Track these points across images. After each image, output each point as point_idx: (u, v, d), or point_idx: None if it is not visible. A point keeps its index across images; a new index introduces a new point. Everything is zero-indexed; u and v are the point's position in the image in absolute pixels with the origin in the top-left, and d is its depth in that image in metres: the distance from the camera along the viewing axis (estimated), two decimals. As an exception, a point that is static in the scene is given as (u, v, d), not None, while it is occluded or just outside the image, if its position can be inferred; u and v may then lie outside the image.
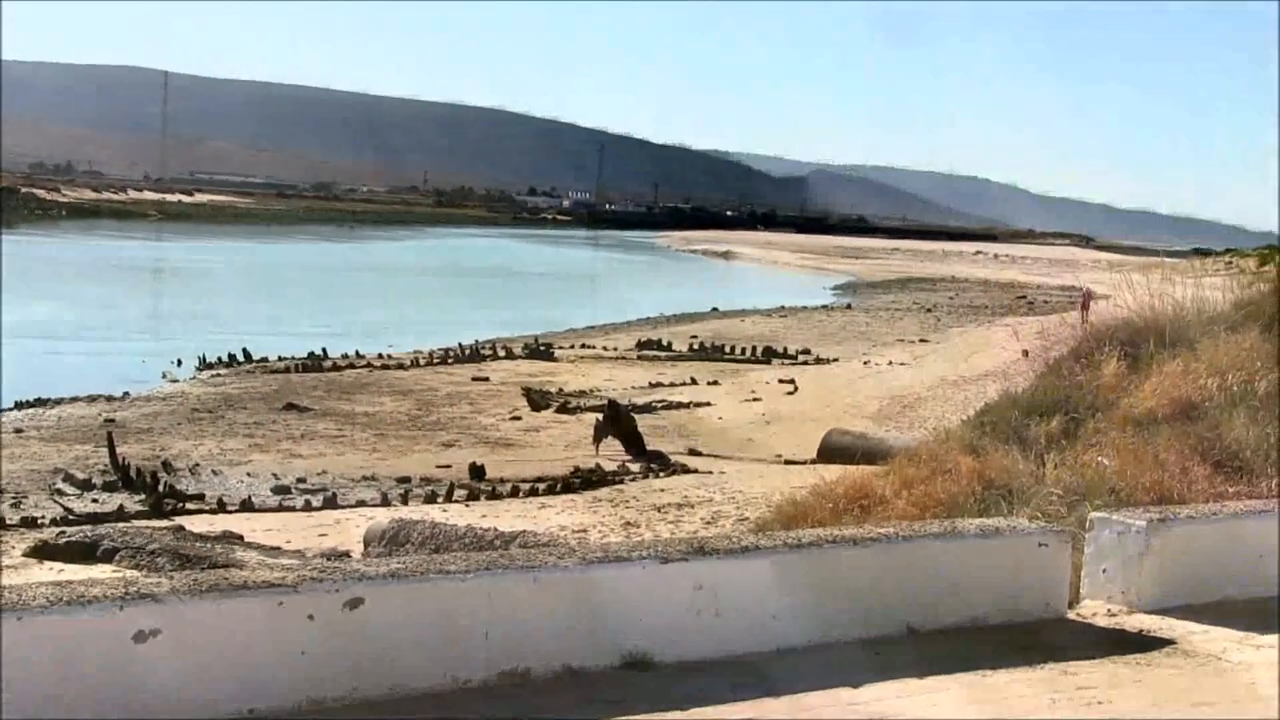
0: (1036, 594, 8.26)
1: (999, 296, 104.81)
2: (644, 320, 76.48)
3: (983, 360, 51.36)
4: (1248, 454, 12.04)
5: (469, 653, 6.42)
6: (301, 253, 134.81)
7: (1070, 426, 13.76)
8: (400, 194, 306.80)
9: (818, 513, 13.48)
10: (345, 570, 6.46)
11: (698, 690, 6.52)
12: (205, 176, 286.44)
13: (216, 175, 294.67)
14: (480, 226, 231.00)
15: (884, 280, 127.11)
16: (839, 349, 63.89)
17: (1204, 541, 8.93)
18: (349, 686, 6.08)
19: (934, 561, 8.00)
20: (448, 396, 45.94)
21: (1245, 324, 14.54)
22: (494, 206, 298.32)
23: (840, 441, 34.23)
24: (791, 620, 7.32)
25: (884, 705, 6.56)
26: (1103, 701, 6.81)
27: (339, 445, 36.02)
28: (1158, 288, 15.96)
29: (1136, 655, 7.64)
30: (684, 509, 26.95)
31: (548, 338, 63.31)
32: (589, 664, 6.69)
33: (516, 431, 39.78)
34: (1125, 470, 12.04)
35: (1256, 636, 8.04)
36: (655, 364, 57.07)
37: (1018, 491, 12.21)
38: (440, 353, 55.81)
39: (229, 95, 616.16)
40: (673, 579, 7.03)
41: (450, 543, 19.22)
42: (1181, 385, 13.41)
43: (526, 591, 6.63)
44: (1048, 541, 8.35)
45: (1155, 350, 14.44)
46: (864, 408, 44.04)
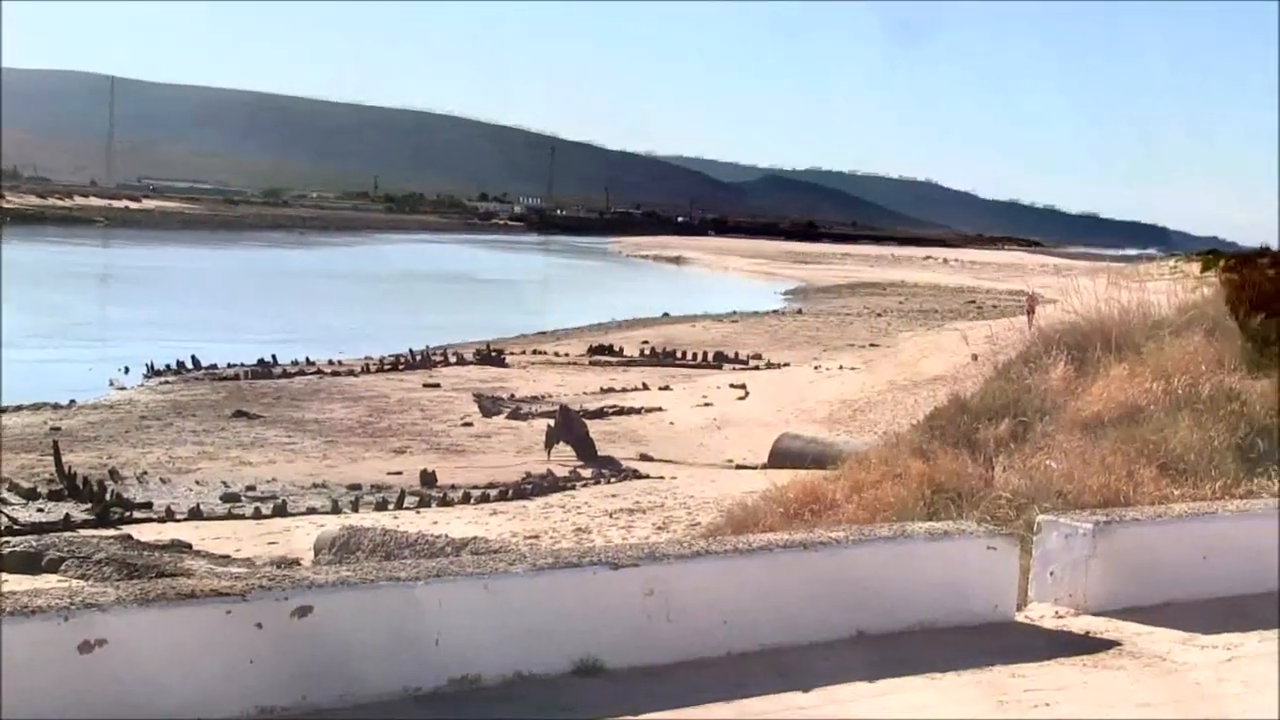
0: (985, 597, 8.29)
1: (949, 301, 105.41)
2: (595, 326, 76.51)
3: (933, 364, 51.67)
4: (1192, 457, 12.15)
5: (419, 660, 6.41)
6: (251, 259, 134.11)
7: (1019, 430, 13.84)
8: (350, 200, 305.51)
9: (769, 517, 13.52)
10: (294, 578, 6.43)
11: (649, 695, 6.52)
12: (153, 182, 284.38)
13: (164, 181, 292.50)
14: (431, 232, 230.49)
15: (835, 285, 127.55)
16: (790, 354, 64.13)
17: (1149, 544, 9.00)
18: (298, 695, 6.05)
19: (883, 565, 8.02)
20: (399, 403, 45.82)
21: (1189, 328, 14.67)
22: (445, 212, 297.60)
23: (791, 446, 34.36)
24: (743, 625, 7.33)
25: (834, 709, 6.58)
26: (1049, 703, 6.86)
27: (289, 452, 35.89)
28: (1104, 292, 16.08)
29: (1083, 657, 7.69)
30: (636, 514, 26.98)
31: (499, 344, 63.28)
32: (540, 670, 6.68)
33: (468, 438, 39.71)
34: (1073, 473, 12.13)
35: (1201, 637, 8.11)
36: (607, 369, 57.13)
37: (967, 495, 12.29)
38: (391, 359, 55.67)
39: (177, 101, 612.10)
40: (624, 584, 7.03)
41: (401, 550, 19.19)
42: (1127, 389, 13.51)
43: (477, 598, 6.62)
44: (996, 544, 8.39)
45: (1102, 354, 14.54)
46: (815, 412, 44.20)
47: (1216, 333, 14.47)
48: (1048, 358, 15.07)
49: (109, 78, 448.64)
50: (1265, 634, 8.28)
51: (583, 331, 73.49)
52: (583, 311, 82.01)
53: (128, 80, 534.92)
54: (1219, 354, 13.84)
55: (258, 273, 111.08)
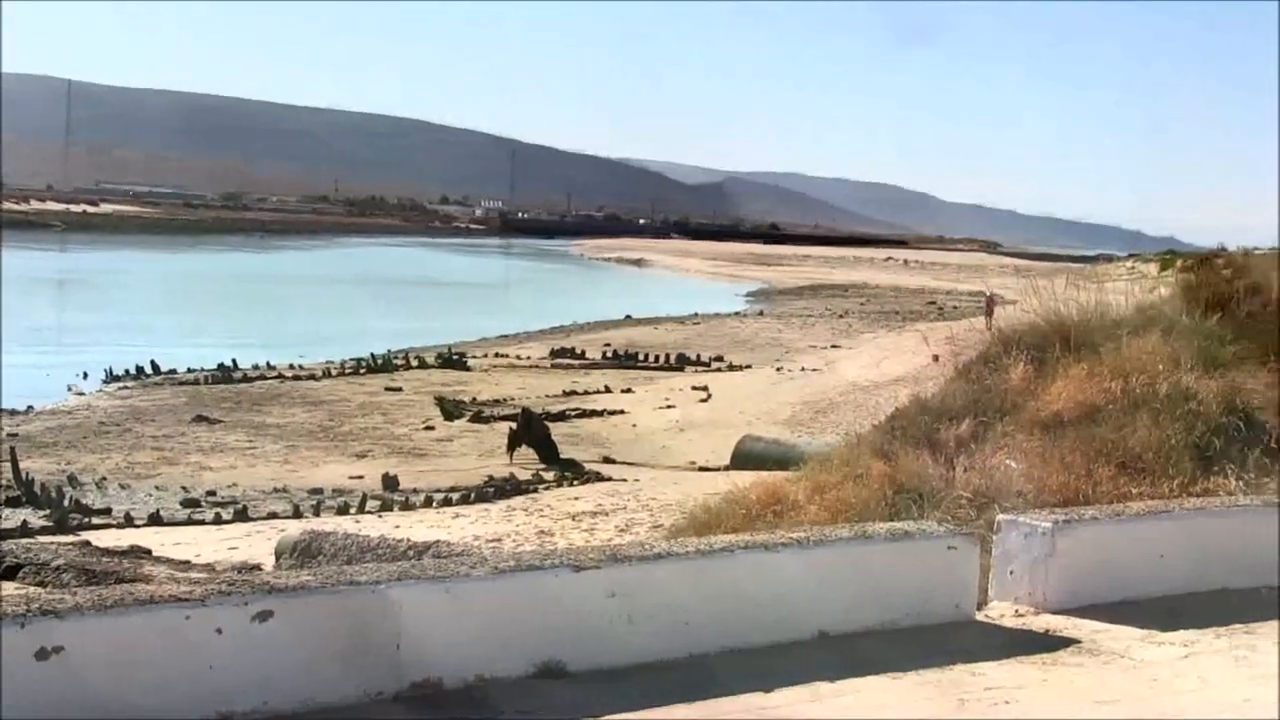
0: (946, 596, 8.33)
1: (909, 302, 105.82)
2: (557, 328, 76.47)
3: (894, 365, 51.85)
4: (1150, 456, 12.22)
5: (381, 664, 6.40)
6: (210, 263, 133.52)
7: (979, 430, 13.88)
8: (311, 203, 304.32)
9: (731, 519, 13.52)
10: (254, 583, 6.41)
11: (611, 697, 6.53)
12: (111, 186, 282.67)
13: (122, 185, 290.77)
14: (392, 236, 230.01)
15: (796, 287, 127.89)
16: (752, 356, 64.24)
17: (1108, 542, 9.05)
18: (258, 700, 6.04)
19: (845, 566, 8.05)
20: (360, 407, 45.69)
21: (1147, 328, 14.74)
22: (406, 216, 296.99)
23: (753, 448, 34.42)
24: (705, 626, 7.35)
25: (795, 709, 6.60)
26: (1010, 701, 6.90)
27: (250, 457, 35.74)
28: (1063, 292, 16.15)
29: (1043, 655, 7.74)
30: (598, 517, 26.96)
31: (461, 347, 63.15)
32: (502, 673, 6.68)
33: (430, 441, 39.64)
34: (1032, 472, 12.19)
35: (1158, 634, 8.17)
36: (569, 372, 57.10)
37: (928, 495, 12.32)
38: (352, 363, 55.51)
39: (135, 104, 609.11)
40: (586, 587, 7.04)
41: (363, 554, 19.11)
42: (1086, 389, 13.57)
43: (439, 601, 6.62)
44: (956, 544, 8.43)
45: (1061, 354, 14.60)
46: (777, 414, 44.28)
47: (1173, 332, 14.55)
48: (1007, 358, 15.11)
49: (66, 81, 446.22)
50: (1220, 630, 8.35)
51: (545, 334, 73.44)
52: (545, 314, 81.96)
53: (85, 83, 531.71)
54: (1176, 353, 13.91)
55: (217, 277, 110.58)
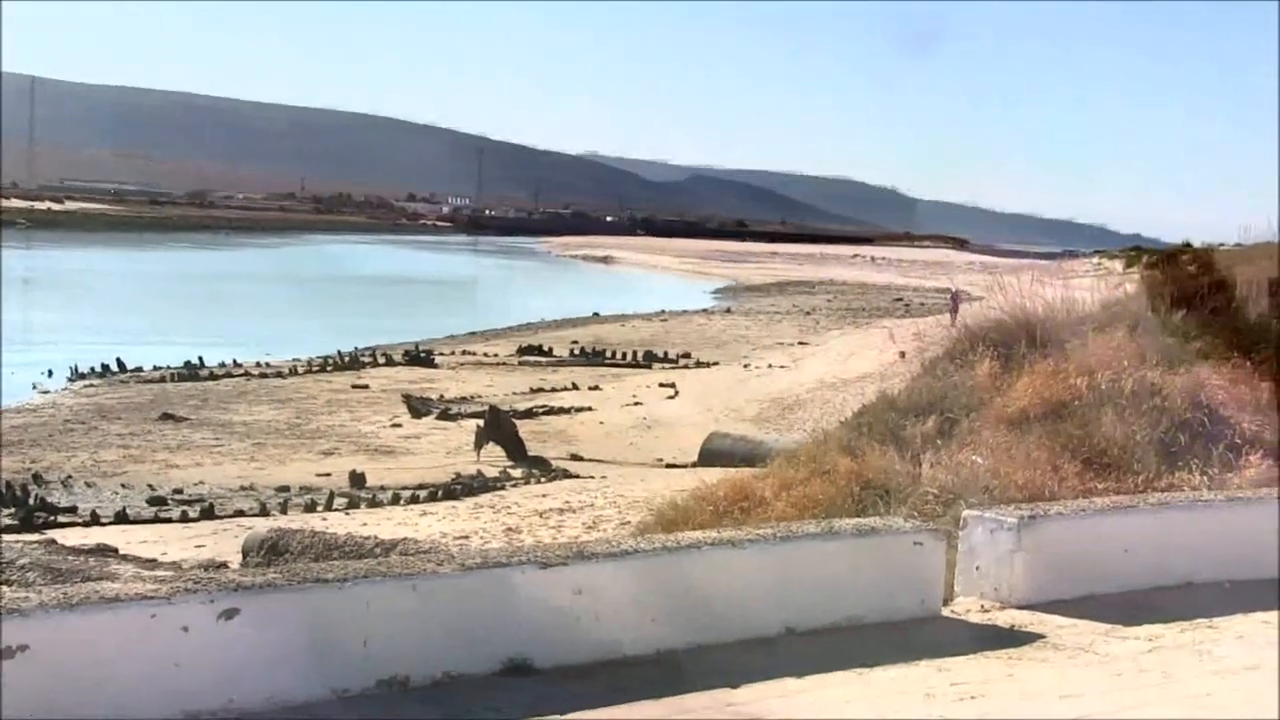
0: (912, 592, 8.36)
1: (876, 299, 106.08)
2: (525, 326, 76.42)
3: (860, 362, 51.95)
4: (1115, 451, 12.29)
5: (347, 662, 6.38)
6: (176, 261, 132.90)
7: (946, 426, 13.95)
8: (277, 200, 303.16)
9: (699, 515, 13.56)
10: (220, 581, 6.39)
11: (577, 694, 6.53)
12: (76, 184, 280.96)
13: (88, 182, 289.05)
14: (359, 233, 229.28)
15: (763, 284, 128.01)
16: (719, 353, 64.31)
17: (1073, 538, 9.09)
18: (225, 698, 6.02)
19: (812, 562, 8.07)
20: (327, 404, 45.57)
21: (1112, 324, 14.83)
22: (373, 213, 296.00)
23: (721, 445, 34.47)
24: (672, 622, 7.35)
25: (762, 705, 6.61)
26: (975, 696, 6.93)
27: (216, 455, 35.61)
28: (1029, 289, 16.22)
29: (1008, 650, 7.77)
30: (566, 514, 26.96)
31: (428, 344, 63.05)
32: (469, 670, 6.68)
33: (397, 439, 39.56)
34: (999, 469, 12.24)
35: (1123, 629, 8.21)
36: (536, 369, 57.08)
37: (895, 491, 12.38)
38: (319, 360, 55.37)
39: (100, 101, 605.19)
40: (553, 584, 7.04)
41: (330, 551, 19.07)
42: (1052, 384, 13.65)
43: (406, 599, 6.61)
44: (923, 540, 8.46)
45: (1027, 350, 14.68)
46: (744, 411, 44.35)
47: (1139, 328, 14.64)
48: (974, 354, 15.19)
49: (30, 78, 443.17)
50: (1184, 625, 8.40)
51: (512, 332, 73.38)
52: (512, 312, 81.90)
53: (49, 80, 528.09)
54: (1141, 349, 14.00)
55: (183, 275, 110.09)
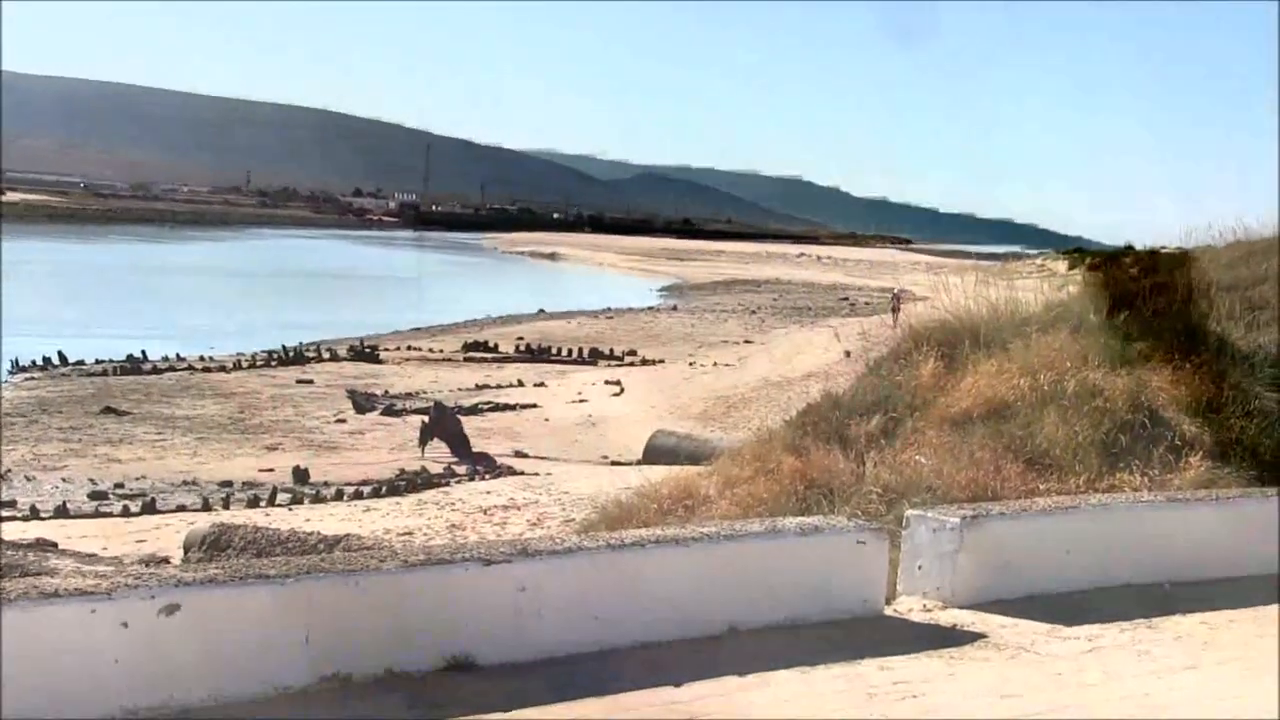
0: (855, 591, 8.38)
1: (822, 298, 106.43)
2: (470, 322, 76.27)
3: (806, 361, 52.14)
4: (1057, 451, 12.36)
5: (289, 658, 6.35)
6: (119, 253, 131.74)
7: (890, 426, 13.98)
8: (222, 194, 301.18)
9: (643, 513, 13.55)
10: (161, 576, 6.34)
11: (520, 691, 6.52)
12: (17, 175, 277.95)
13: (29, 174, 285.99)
14: (304, 227, 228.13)
15: (709, 282, 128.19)
16: (665, 350, 64.39)
17: (1015, 538, 9.14)
18: (165, 695, 5.97)
19: (755, 560, 8.07)
20: (271, 399, 45.35)
21: (1055, 325, 14.90)
22: (319, 207, 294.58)
23: (666, 442, 34.55)
24: (614, 620, 7.35)
25: (705, 704, 6.62)
26: (917, 695, 6.96)
27: (159, 449, 35.39)
28: (973, 290, 16.29)
29: (950, 649, 7.81)
30: (510, 510, 26.95)
31: (373, 340, 62.82)
32: (411, 667, 6.65)
33: (341, 434, 39.42)
34: (942, 468, 12.29)
35: (1063, 629, 8.27)
36: (481, 365, 56.99)
37: (839, 490, 12.40)
38: (263, 355, 55.10)
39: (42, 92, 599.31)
40: (496, 581, 7.02)
41: (273, 547, 19.00)
42: (995, 385, 13.71)
43: (348, 595, 6.57)
44: (866, 539, 8.48)
45: (971, 351, 14.74)
46: (689, 409, 44.43)
47: (1081, 329, 14.72)
48: (918, 354, 15.24)
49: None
50: (1124, 625, 8.47)
51: (457, 328, 73.21)
52: (458, 308, 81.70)
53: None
54: (1084, 350, 14.07)
55: (126, 267, 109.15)
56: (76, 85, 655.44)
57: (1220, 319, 15.44)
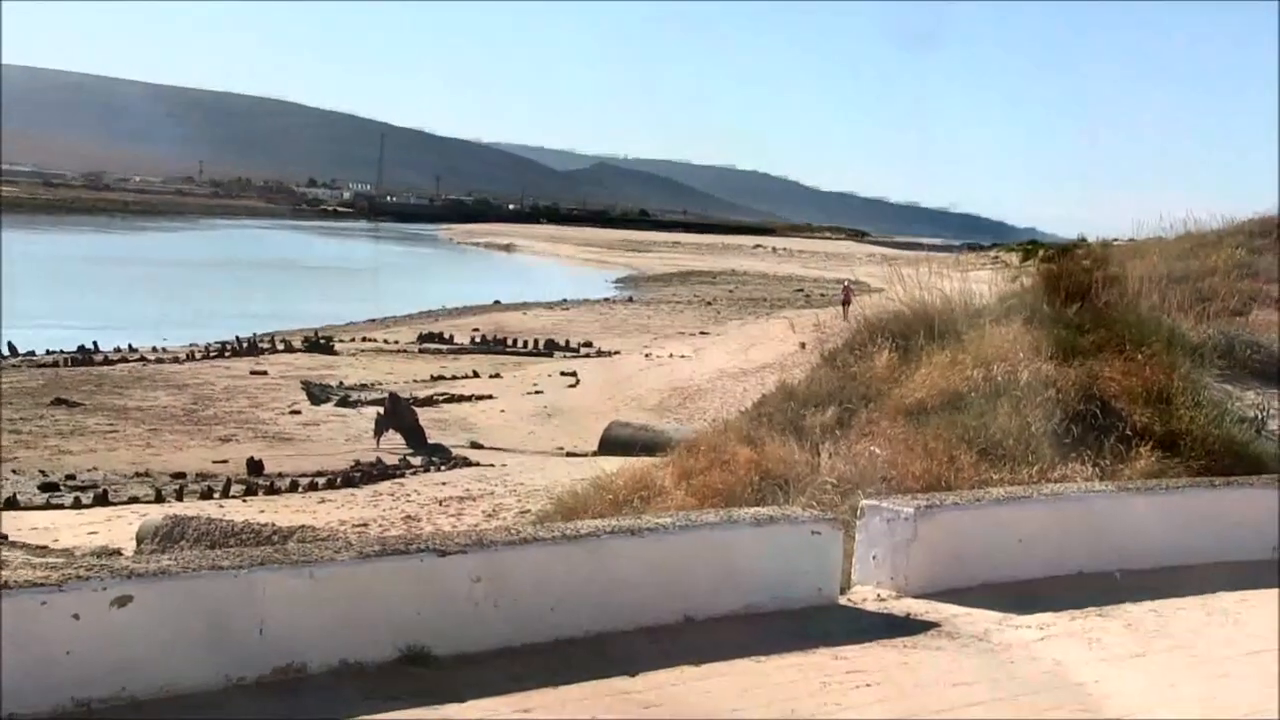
0: (810, 581, 8.42)
1: (777, 290, 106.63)
2: (425, 313, 76.08)
3: (761, 352, 52.26)
4: (1010, 442, 12.43)
5: (243, 650, 6.32)
6: (70, 244, 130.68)
7: (845, 417, 14.03)
8: (175, 184, 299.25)
9: (598, 504, 13.56)
10: (113, 568, 6.30)
11: (475, 682, 6.52)
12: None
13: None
14: (258, 218, 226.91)
15: (665, 273, 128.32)
16: (621, 341, 64.39)
17: (968, 527, 9.21)
18: (117, 686, 5.94)
19: (711, 551, 8.10)
20: (225, 390, 45.12)
21: (1009, 317, 14.98)
22: (272, 198, 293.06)
23: (621, 434, 34.54)
24: (570, 611, 7.35)
25: (660, 693, 6.64)
26: (870, 684, 7.00)
27: (111, 441, 35.16)
28: (927, 281, 16.35)
29: (903, 638, 7.86)
30: (466, 502, 26.92)
31: (328, 331, 62.61)
32: (366, 658, 6.64)
33: (295, 426, 39.26)
34: (896, 459, 12.33)
35: (1015, 618, 8.33)
36: (437, 357, 56.86)
37: (794, 481, 12.43)
38: (217, 346, 54.81)
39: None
40: (452, 572, 7.01)
41: (226, 539, 18.91)
42: (949, 376, 13.77)
43: (302, 587, 6.56)
44: (820, 529, 8.52)
45: (925, 342, 14.80)
46: (645, 400, 44.46)
47: (1034, 321, 14.80)
48: (873, 346, 15.29)
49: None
50: (1075, 613, 8.53)
51: (413, 319, 73.02)
52: (413, 299, 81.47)
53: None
54: (1036, 342, 14.15)
55: (77, 258, 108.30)
56: (27, 74, 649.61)
57: (1170, 310, 15.58)
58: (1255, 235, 20.54)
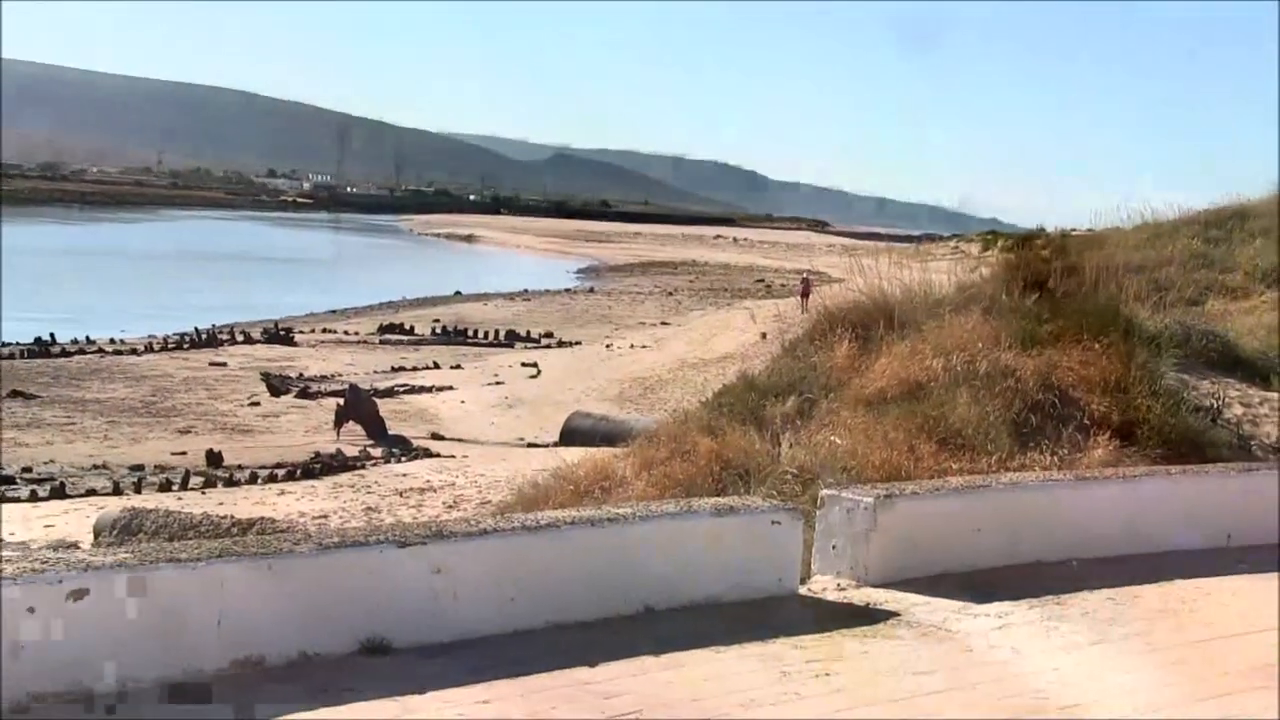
0: (770, 571, 8.43)
1: (738, 280, 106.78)
2: (386, 304, 75.87)
3: (722, 342, 52.33)
4: (970, 431, 12.48)
5: (201, 642, 6.29)
6: (27, 235, 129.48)
7: (805, 407, 14.06)
8: (133, 175, 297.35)
9: (559, 495, 13.56)
10: (69, 561, 6.27)
11: (435, 673, 6.51)
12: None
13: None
14: (218, 209, 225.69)
15: (627, 264, 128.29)
16: (582, 332, 64.37)
17: (928, 517, 9.24)
18: (73, 680, 5.90)
19: (670, 541, 8.10)
20: (184, 382, 44.90)
21: (968, 307, 15.04)
22: (232, 189, 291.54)
23: (582, 424, 34.57)
24: (530, 602, 7.35)
25: (619, 684, 6.64)
26: (830, 673, 7.02)
27: (68, 433, 34.95)
28: (887, 272, 16.40)
29: (863, 628, 7.88)
30: (426, 493, 26.88)
31: (287, 322, 62.37)
32: (326, 650, 6.62)
33: (255, 417, 39.11)
34: (856, 449, 12.36)
35: (974, 606, 8.37)
36: (397, 348, 56.73)
37: (754, 471, 12.45)
38: (176, 338, 54.54)
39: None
40: (411, 563, 7.00)
41: (185, 531, 18.85)
42: (909, 366, 13.82)
43: (261, 579, 6.53)
44: (780, 519, 8.53)
45: (885, 332, 14.84)
46: (606, 390, 44.47)
47: (994, 311, 14.86)
48: (833, 336, 15.33)
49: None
50: (1033, 602, 8.57)
51: (373, 310, 72.81)
52: (373, 290, 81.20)
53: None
54: (996, 332, 14.21)
55: (34, 249, 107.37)
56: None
57: (1128, 300, 15.67)
58: (1211, 226, 20.70)
